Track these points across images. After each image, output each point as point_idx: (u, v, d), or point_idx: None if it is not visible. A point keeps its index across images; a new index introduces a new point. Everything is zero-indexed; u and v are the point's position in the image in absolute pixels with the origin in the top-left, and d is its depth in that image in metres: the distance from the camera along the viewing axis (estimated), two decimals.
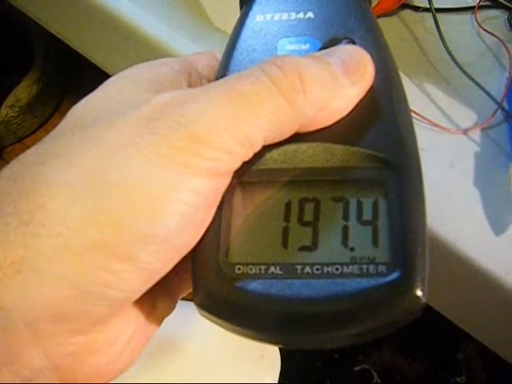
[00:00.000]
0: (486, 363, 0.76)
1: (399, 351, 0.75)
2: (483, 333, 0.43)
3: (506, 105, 0.43)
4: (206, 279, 0.21)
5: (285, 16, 0.26)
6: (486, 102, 0.43)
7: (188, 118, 0.20)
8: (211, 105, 0.20)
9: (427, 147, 0.40)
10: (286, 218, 0.22)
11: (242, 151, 0.20)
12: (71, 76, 1.00)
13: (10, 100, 0.92)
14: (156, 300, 0.23)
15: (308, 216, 0.22)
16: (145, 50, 0.47)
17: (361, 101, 0.23)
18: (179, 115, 0.20)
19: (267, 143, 0.21)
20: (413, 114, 0.41)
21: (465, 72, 0.44)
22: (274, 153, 0.22)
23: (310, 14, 0.26)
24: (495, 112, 0.42)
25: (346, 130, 0.22)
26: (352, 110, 0.22)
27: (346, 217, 0.21)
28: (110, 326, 0.20)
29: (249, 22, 0.26)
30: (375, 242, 0.21)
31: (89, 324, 0.19)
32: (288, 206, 0.22)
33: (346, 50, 0.23)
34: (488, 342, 0.43)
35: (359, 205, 0.21)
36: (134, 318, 0.22)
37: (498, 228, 0.38)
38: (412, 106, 0.41)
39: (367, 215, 0.21)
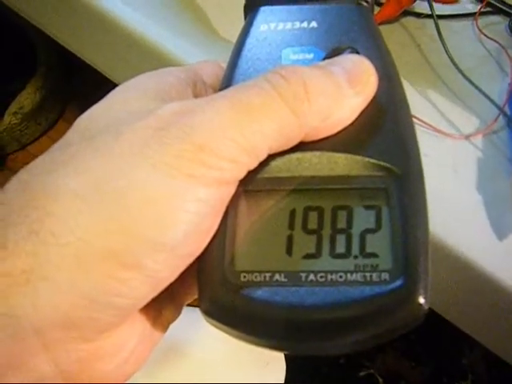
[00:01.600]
0: (490, 368, 0.76)
1: (404, 356, 0.75)
2: (487, 337, 0.43)
3: (507, 110, 0.43)
4: (212, 287, 0.21)
5: (289, 25, 0.26)
6: (487, 107, 0.43)
7: (194, 128, 0.20)
8: (217, 115, 0.20)
9: (430, 153, 0.41)
10: (291, 226, 0.22)
11: (247, 160, 0.21)
12: (74, 83, 1.01)
13: (13, 107, 0.93)
14: (162, 307, 0.23)
15: (312, 224, 0.22)
16: (148, 57, 0.47)
17: (364, 110, 0.23)
18: (185, 125, 0.20)
19: (272, 152, 0.22)
20: (415, 120, 0.42)
21: (467, 78, 0.44)
22: (279, 161, 0.22)
23: (314, 24, 0.26)
24: (497, 117, 0.43)
25: (349, 139, 0.22)
26: (355, 119, 0.23)
27: (349, 225, 0.22)
28: (116, 333, 0.21)
29: (253, 31, 0.26)
30: (378, 250, 0.21)
31: (97, 331, 0.20)
32: (292, 214, 0.22)
33: (349, 60, 0.23)
34: (492, 346, 0.43)
35: (362, 213, 0.22)
36: (140, 325, 0.22)
37: (501, 232, 0.38)
38: (414, 112, 0.41)
39: (370, 223, 0.21)
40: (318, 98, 0.21)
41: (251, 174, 0.21)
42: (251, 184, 0.22)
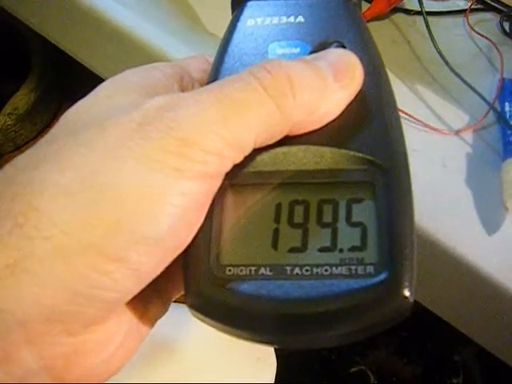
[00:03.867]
0: (483, 365, 0.76)
1: (396, 352, 0.75)
2: (478, 333, 0.43)
3: (497, 106, 0.43)
4: (198, 280, 0.21)
5: (275, 20, 0.26)
6: (478, 103, 0.43)
7: (179, 122, 0.20)
8: (202, 109, 0.20)
9: (420, 148, 0.41)
10: (277, 220, 0.22)
11: (232, 154, 0.21)
12: (69, 83, 1.00)
13: (8, 108, 0.92)
14: (148, 302, 0.23)
15: (298, 218, 0.22)
16: (138, 54, 0.47)
17: (350, 104, 0.23)
18: (170, 119, 0.20)
19: (257, 146, 0.22)
20: (406, 116, 0.42)
21: (457, 74, 0.44)
22: (265, 155, 0.22)
23: (301, 18, 0.26)
24: (487, 113, 0.43)
25: (335, 133, 0.23)
26: (341, 113, 0.23)
27: (335, 218, 0.22)
28: (102, 328, 0.21)
29: (240, 26, 0.26)
30: (364, 244, 0.21)
31: (82, 325, 0.20)
32: (278, 207, 0.22)
33: (335, 54, 0.23)
34: (484, 342, 0.43)
35: (348, 206, 0.22)
36: (127, 320, 0.22)
37: (490, 227, 0.38)
38: (405, 108, 0.42)
39: (356, 217, 0.22)
40: (303, 93, 0.21)
41: (237, 168, 0.21)
42: (237, 178, 0.22)
